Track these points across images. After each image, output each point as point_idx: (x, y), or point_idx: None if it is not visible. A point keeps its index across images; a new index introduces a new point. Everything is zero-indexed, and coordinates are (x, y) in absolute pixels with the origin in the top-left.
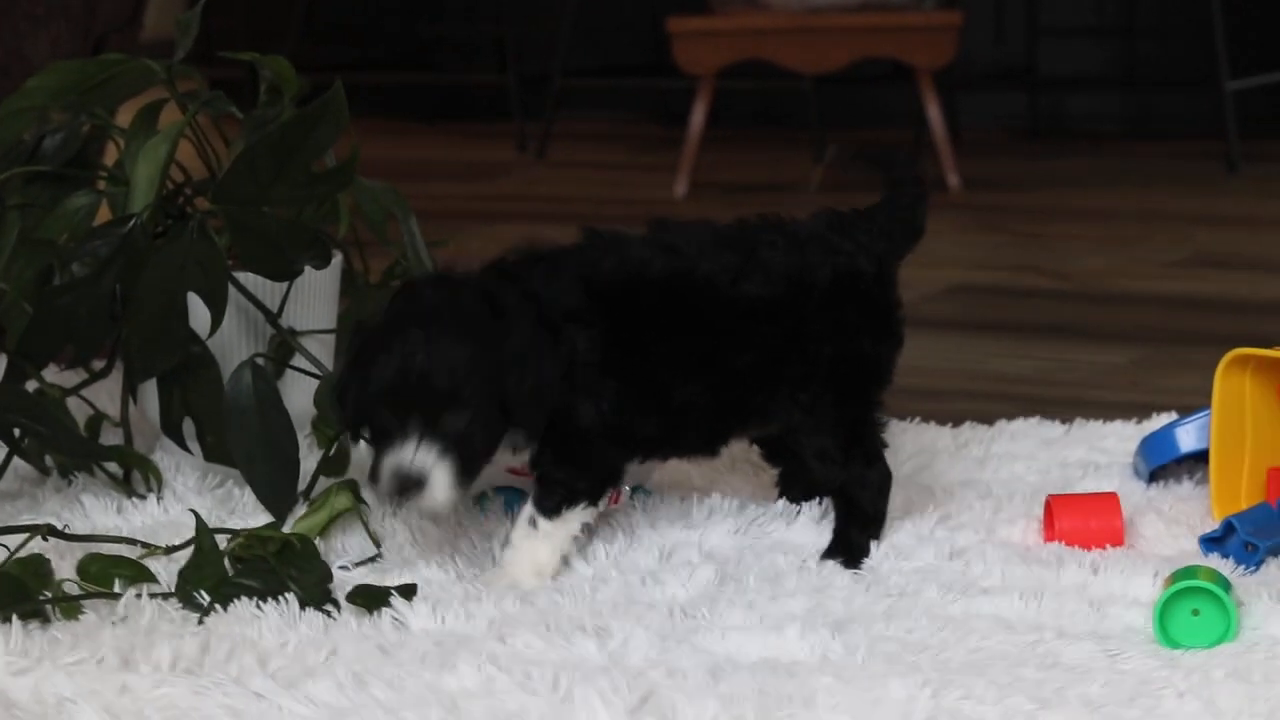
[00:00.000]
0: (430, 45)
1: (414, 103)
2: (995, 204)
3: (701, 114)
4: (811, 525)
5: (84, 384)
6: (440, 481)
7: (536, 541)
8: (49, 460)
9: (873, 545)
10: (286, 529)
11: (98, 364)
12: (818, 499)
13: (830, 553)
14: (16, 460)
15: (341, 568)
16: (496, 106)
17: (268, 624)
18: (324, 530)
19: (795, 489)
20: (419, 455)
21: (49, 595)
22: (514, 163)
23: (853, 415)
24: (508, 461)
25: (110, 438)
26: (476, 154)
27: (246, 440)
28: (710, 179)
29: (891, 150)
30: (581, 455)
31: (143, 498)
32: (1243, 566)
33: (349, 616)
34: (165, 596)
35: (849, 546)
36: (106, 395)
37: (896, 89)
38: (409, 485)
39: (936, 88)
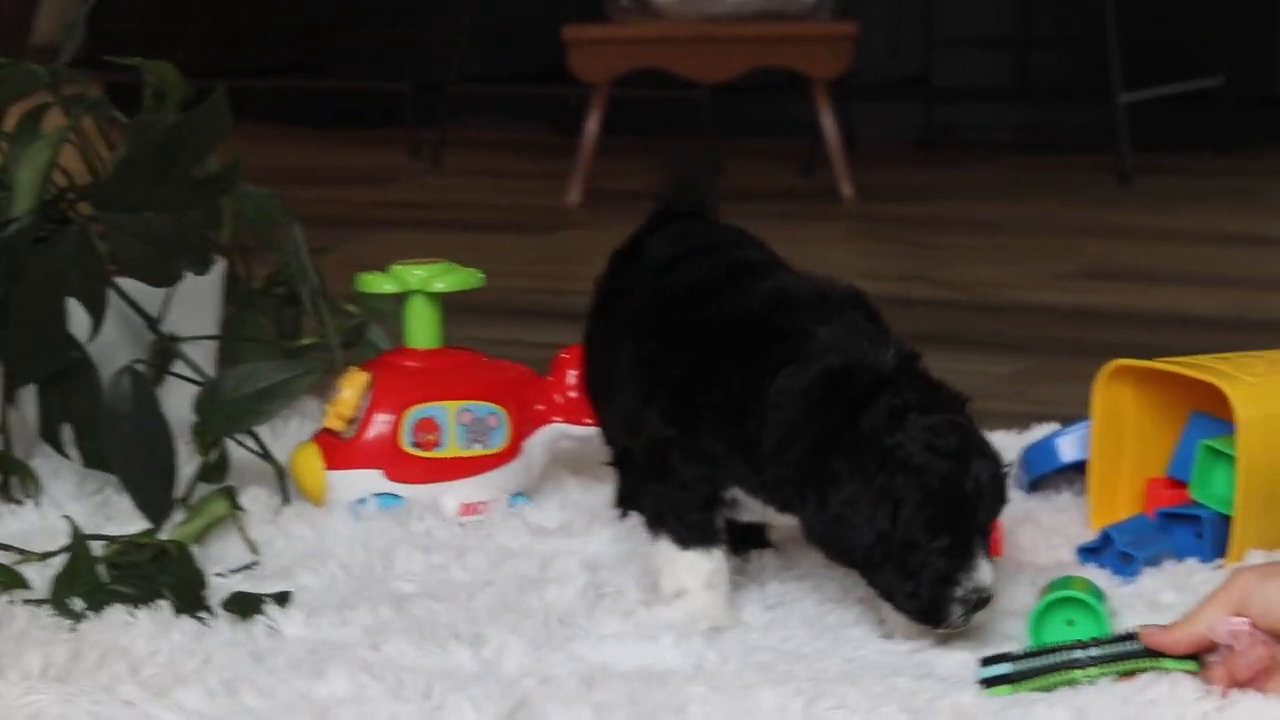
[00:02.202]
0: (326, 51)
1: (308, 109)
2: (888, 214)
3: (596, 122)
4: None
5: None
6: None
7: None
8: None
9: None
10: (163, 536)
11: None
12: None
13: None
14: None
15: (218, 575)
16: (392, 113)
17: (141, 631)
18: (201, 537)
19: None
20: (986, 568)
21: None
22: (408, 170)
23: None
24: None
25: None
26: (370, 161)
27: (124, 446)
28: (605, 187)
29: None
30: None
31: (20, 503)
32: (1119, 577)
33: (223, 624)
34: (39, 603)
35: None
36: None
37: (792, 99)
38: (982, 606)
39: (831, 98)
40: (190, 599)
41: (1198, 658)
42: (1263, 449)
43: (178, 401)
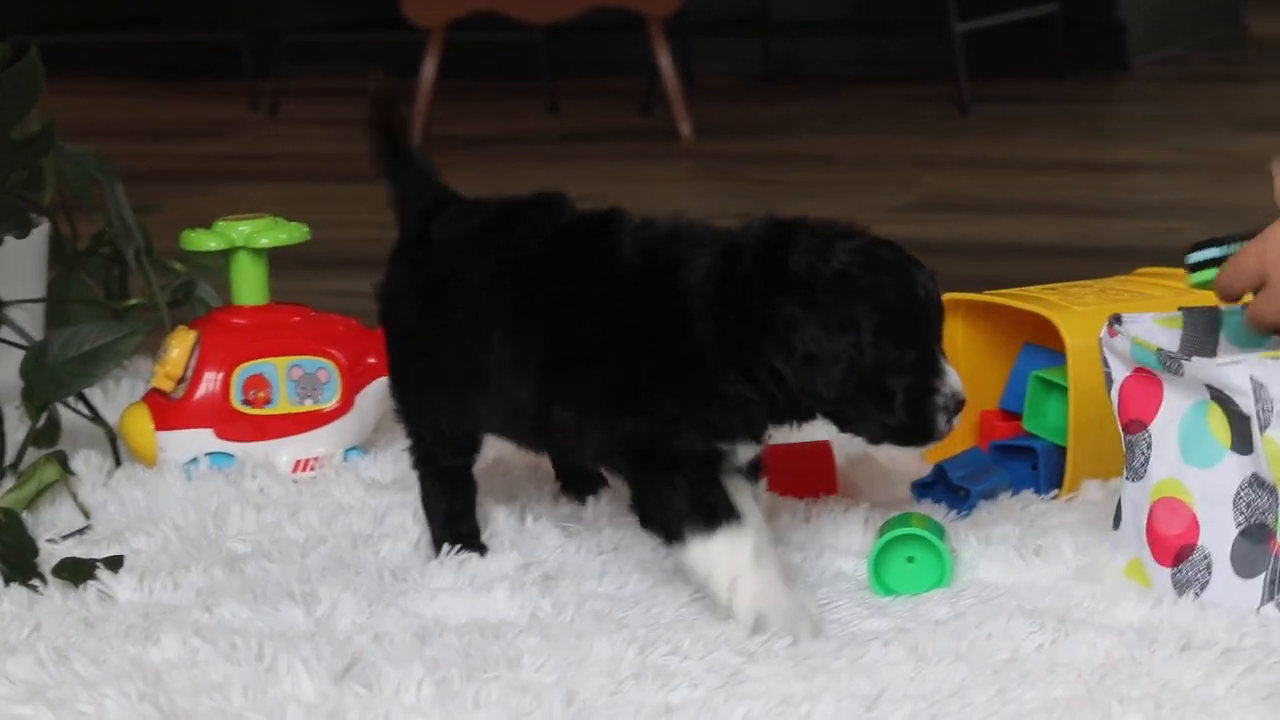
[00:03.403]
0: (161, 3)
1: (146, 62)
2: (728, 152)
3: (432, 68)
4: (529, 481)
5: None
6: None
7: None
8: None
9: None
10: None
11: None
12: None
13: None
14: None
15: (50, 541)
16: (228, 64)
17: None
18: (32, 503)
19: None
20: (954, 372)
21: None
22: (246, 121)
23: None
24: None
25: None
26: (208, 113)
27: None
28: (443, 132)
29: None
30: None
31: None
32: (954, 511)
33: (54, 591)
34: None
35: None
36: None
37: (629, 37)
38: (959, 410)
39: (667, 36)
40: (21, 567)
41: None
42: (1094, 378)
43: (5, 366)
